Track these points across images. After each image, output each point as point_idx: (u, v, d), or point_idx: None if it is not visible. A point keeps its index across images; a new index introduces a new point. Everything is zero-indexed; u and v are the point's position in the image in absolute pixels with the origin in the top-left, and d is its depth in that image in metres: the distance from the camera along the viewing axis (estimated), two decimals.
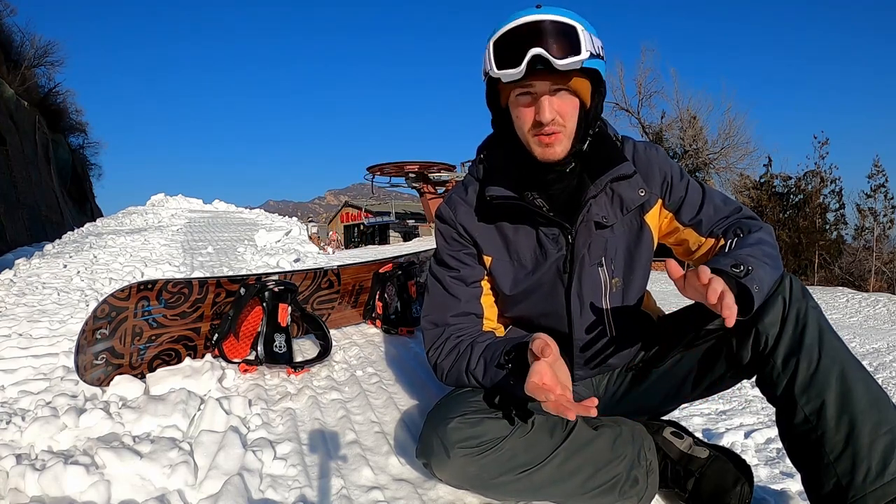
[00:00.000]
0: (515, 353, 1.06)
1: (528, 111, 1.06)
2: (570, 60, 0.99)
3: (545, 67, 1.00)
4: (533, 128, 1.07)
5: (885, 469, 0.90)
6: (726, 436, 3.25)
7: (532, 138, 1.08)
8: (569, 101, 1.06)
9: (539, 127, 1.05)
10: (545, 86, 1.03)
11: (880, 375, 5.30)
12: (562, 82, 1.03)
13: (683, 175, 1.20)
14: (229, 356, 1.72)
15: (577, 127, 1.08)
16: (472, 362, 1.13)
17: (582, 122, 1.09)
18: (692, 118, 21.46)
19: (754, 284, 0.94)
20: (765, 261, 1.00)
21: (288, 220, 7.44)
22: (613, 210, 1.16)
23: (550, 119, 1.04)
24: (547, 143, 1.07)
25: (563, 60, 0.99)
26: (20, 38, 20.16)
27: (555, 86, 1.04)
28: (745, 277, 0.94)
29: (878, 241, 15.88)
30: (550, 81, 1.03)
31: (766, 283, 0.98)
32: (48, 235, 11.84)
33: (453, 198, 1.24)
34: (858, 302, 10.70)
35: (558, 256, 1.16)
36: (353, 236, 35.88)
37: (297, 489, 1.15)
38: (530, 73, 1.01)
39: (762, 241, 1.06)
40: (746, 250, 1.01)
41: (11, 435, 1.29)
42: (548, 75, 1.02)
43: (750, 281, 0.94)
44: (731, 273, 0.94)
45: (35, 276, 3.44)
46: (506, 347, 1.09)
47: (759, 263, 0.98)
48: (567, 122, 1.06)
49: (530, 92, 1.05)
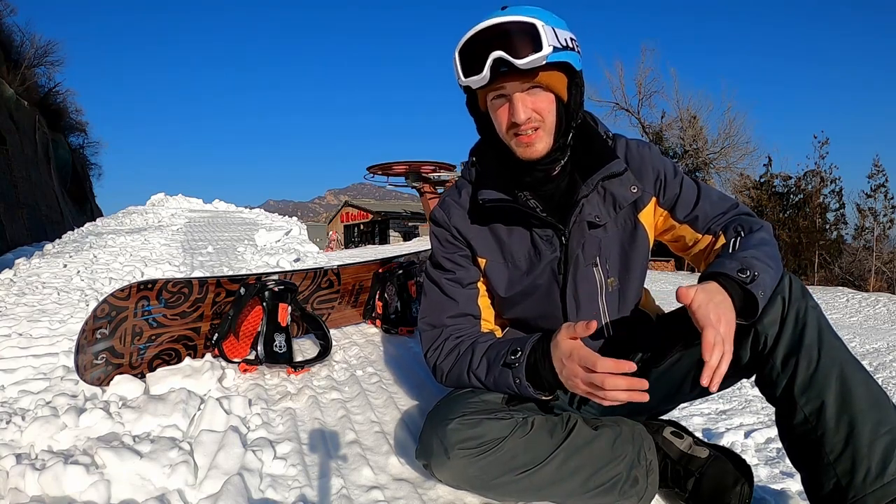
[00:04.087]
0: (522, 352, 1.06)
1: (504, 113, 1.07)
2: (531, 58, 1.00)
3: (509, 69, 1.01)
4: (511, 128, 1.08)
5: (885, 469, 0.90)
6: (726, 436, 3.25)
7: (512, 139, 1.09)
8: (543, 97, 1.06)
9: (516, 127, 1.06)
10: (516, 86, 1.04)
11: (880, 375, 5.30)
12: (531, 80, 1.04)
13: (677, 172, 1.20)
14: (229, 356, 1.72)
15: (559, 121, 1.09)
16: (475, 362, 1.13)
17: (562, 115, 1.09)
18: (692, 118, 21.47)
19: (760, 290, 0.94)
20: (768, 263, 1.00)
21: (288, 220, 7.44)
22: (606, 209, 1.16)
23: (526, 118, 1.05)
24: (527, 143, 1.08)
25: (525, 59, 1.00)
26: (20, 38, 20.18)
27: (525, 84, 1.04)
28: (751, 284, 0.94)
29: (878, 241, 15.88)
30: (520, 81, 1.04)
31: (769, 288, 0.98)
32: (48, 235, 11.84)
33: (447, 201, 1.24)
34: (858, 302, 10.70)
35: (553, 258, 1.16)
36: (353, 236, 35.89)
37: (297, 489, 1.15)
38: (497, 75, 1.02)
39: (764, 241, 1.06)
40: (751, 252, 1.01)
41: (11, 434, 1.29)
42: (516, 75, 1.03)
43: (756, 287, 0.94)
44: (737, 279, 0.94)
45: (35, 275, 3.45)
46: (512, 347, 1.09)
47: (764, 267, 0.98)
48: (545, 118, 1.07)
49: (503, 94, 1.06)
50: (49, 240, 6.94)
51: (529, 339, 1.08)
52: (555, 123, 1.08)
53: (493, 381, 1.10)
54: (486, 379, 1.11)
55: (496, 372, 1.09)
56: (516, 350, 1.08)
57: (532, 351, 1.06)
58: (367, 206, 36.43)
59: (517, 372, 1.06)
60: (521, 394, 1.07)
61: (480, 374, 1.12)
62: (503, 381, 1.08)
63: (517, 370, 1.06)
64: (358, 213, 36.18)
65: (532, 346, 1.07)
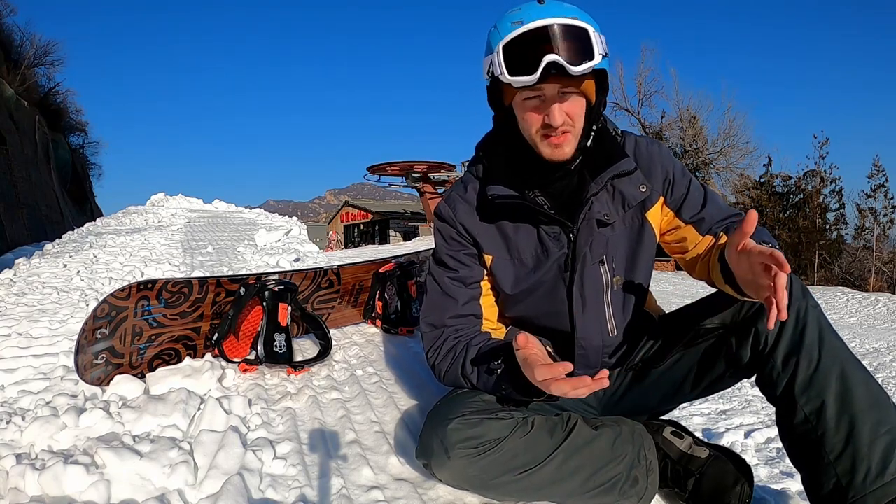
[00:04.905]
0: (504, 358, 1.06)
1: (537, 113, 1.06)
2: (585, 66, 0.98)
3: (558, 72, 0.99)
4: (542, 129, 1.06)
5: (886, 469, 0.90)
6: (726, 436, 3.24)
7: (541, 140, 1.07)
8: (578, 102, 1.05)
9: (548, 128, 1.05)
10: (555, 89, 1.03)
11: (880, 375, 5.29)
12: (573, 85, 1.03)
13: (685, 173, 1.20)
14: (229, 356, 1.72)
15: (585, 124, 1.09)
16: (466, 366, 1.13)
17: (587, 119, 1.09)
18: (692, 118, 21.46)
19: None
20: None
21: (288, 220, 7.44)
22: (615, 207, 1.15)
23: (561, 122, 1.04)
24: (556, 144, 1.06)
25: (579, 67, 0.98)
26: (20, 38, 20.18)
27: (564, 89, 1.03)
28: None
29: (878, 241, 15.88)
30: (561, 84, 1.02)
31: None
32: (48, 235, 11.84)
33: (453, 196, 1.23)
34: (858, 302, 10.69)
35: (560, 255, 1.15)
36: (353, 236, 35.89)
37: (297, 489, 1.15)
38: (542, 78, 1.00)
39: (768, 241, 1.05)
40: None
41: (11, 434, 1.29)
42: (559, 79, 1.01)
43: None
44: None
45: (35, 275, 3.45)
46: (495, 352, 1.09)
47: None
48: (576, 122, 1.06)
49: (539, 96, 1.04)
50: (49, 240, 6.94)
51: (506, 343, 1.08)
52: (582, 127, 1.08)
53: (483, 384, 1.11)
54: (477, 383, 1.12)
55: (484, 378, 1.10)
56: (498, 355, 1.08)
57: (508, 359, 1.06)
58: (367, 206, 36.42)
59: (501, 378, 1.06)
60: (510, 397, 1.07)
61: (472, 379, 1.12)
62: (491, 384, 1.09)
63: (501, 376, 1.06)
64: (358, 213, 36.17)
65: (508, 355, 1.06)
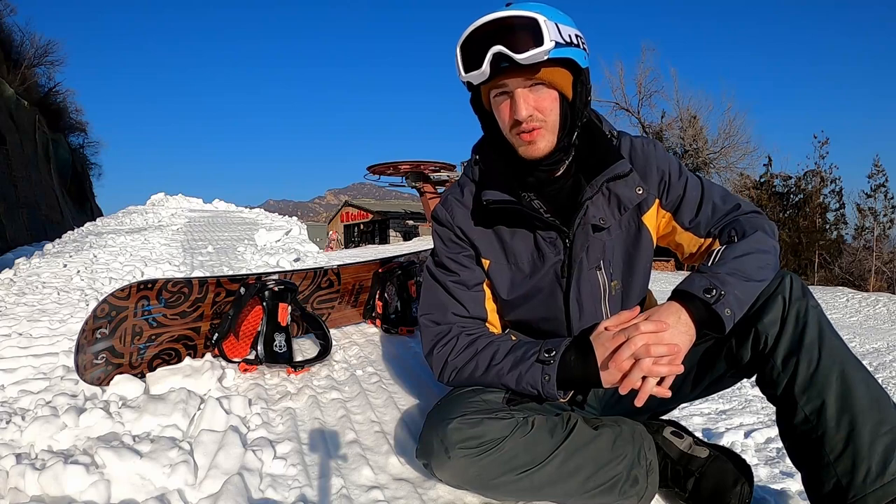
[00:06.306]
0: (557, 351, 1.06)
1: (507, 110, 1.06)
2: (531, 53, 0.98)
3: (510, 64, 0.99)
4: (513, 126, 1.07)
5: (886, 469, 0.90)
6: (726, 435, 3.25)
7: (514, 137, 1.08)
8: (546, 94, 1.05)
9: (518, 125, 1.05)
10: (518, 82, 1.03)
11: (880, 375, 5.29)
12: (533, 76, 1.03)
13: (682, 172, 1.19)
14: (229, 355, 1.72)
15: (563, 120, 1.08)
16: (498, 358, 1.10)
17: (566, 114, 1.08)
18: (692, 118, 21.47)
19: (726, 309, 0.95)
20: (749, 275, 0.99)
21: (288, 220, 7.44)
22: (611, 210, 1.15)
23: (527, 115, 1.04)
24: (528, 140, 1.06)
25: (524, 54, 0.98)
26: (20, 38, 20.19)
27: (528, 81, 1.03)
28: (716, 304, 0.95)
29: (878, 241, 15.88)
30: (522, 77, 1.02)
31: (740, 303, 0.98)
32: (48, 235, 11.84)
33: (449, 199, 1.23)
34: (858, 302, 10.69)
35: (556, 261, 1.15)
36: (353, 236, 35.89)
37: (297, 489, 1.15)
38: (499, 71, 1.01)
39: (754, 248, 1.04)
40: (731, 265, 1.00)
41: (11, 434, 1.29)
42: (517, 71, 1.01)
43: (721, 307, 0.95)
44: (703, 299, 0.96)
45: (35, 275, 3.44)
46: (545, 346, 1.08)
47: (737, 282, 0.98)
48: (547, 116, 1.06)
49: (505, 91, 1.05)
50: (49, 239, 6.93)
51: (563, 341, 1.08)
52: (558, 122, 1.07)
53: (516, 377, 1.08)
54: (508, 374, 1.09)
55: (523, 368, 1.07)
56: (550, 349, 1.07)
57: (566, 350, 1.06)
58: (367, 205, 36.42)
59: (549, 369, 1.04)
60: (543, 392, 1.05)
61: (503, 369, 1.09)
62: (530, 377, 1.06)
63: (550, 367, 1.05)
64: (358, 212, 36.17)
65: (566, 347, 1.06)
